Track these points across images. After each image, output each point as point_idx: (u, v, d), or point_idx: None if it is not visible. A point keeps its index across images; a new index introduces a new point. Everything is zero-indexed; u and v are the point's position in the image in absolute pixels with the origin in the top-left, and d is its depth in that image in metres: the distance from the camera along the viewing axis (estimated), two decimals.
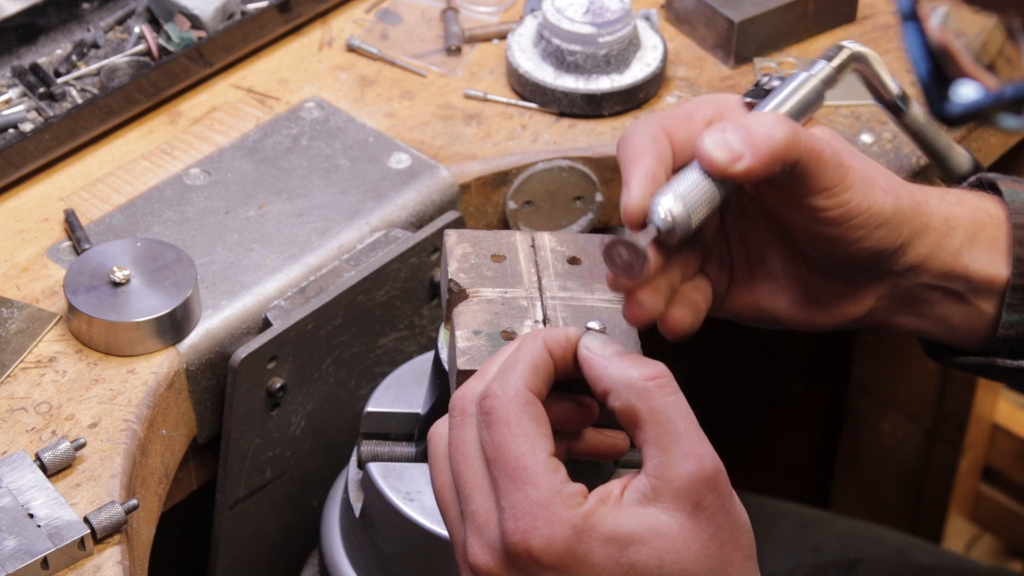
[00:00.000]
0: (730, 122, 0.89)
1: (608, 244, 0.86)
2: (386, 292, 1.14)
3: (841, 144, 0.93)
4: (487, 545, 0.81)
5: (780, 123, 0.88)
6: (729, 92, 1.27)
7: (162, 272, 1.07)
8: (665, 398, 0.81)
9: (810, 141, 0.90)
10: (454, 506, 0.84)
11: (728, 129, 0.89)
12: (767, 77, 0.97)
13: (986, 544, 2.03)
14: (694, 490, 0.80)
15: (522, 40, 1.27)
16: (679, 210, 0.87)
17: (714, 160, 0.88)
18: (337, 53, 1.30)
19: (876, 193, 0.92)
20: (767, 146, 0.88)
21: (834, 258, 0.95)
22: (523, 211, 1.22)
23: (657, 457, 0.80)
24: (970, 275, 0.97)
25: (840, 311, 0.98)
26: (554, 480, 0.80)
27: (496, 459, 0.81)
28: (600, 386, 0.83)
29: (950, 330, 1.00)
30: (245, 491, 1.15)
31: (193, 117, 1.24)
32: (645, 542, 0.79)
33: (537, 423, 0.82)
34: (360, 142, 1.21)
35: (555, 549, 0.79)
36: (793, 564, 1.39)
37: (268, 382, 1.10)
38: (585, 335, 0.85)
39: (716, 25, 1.29)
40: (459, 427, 0.84)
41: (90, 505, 0.97)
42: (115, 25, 1.30)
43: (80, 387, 1.04)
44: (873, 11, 1.35)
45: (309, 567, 1.21)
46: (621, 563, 0.79)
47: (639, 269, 0.86)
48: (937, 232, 0.95)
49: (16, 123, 1.20)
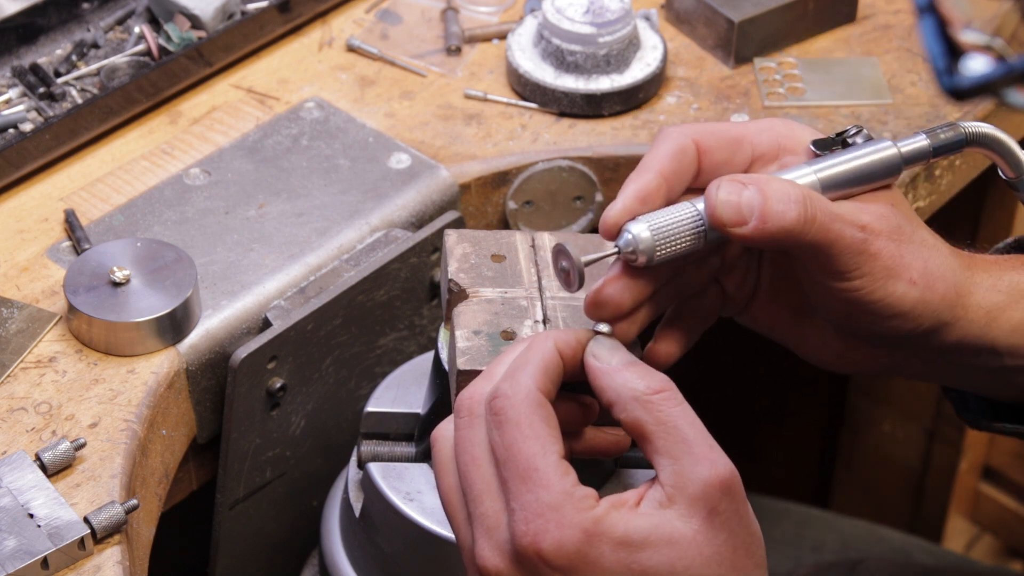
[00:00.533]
0: (756, 180, 0.85)
1: (555, 250, 0.85)
2: (386, 292, 1.14)
3: (885, 224, 0.88)
4: (497, 547, 0.81)
5: (799, 202, 0.85)
6: (735, 91, 1.27)
7: (162, 272, 1.07)
8: (671, 409, 0.80)
9: (828, 225, 0.85)
10: (461, 509, 0.83)
11: (747, 187, 0.85)
12: (857, 129, 0.91)
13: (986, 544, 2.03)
14: (709, 495, 0.79)
15: (522, 40, 1.27)
16: (645, 241, 0.84)
17: (718, 214, 0.85)
18: (337, 53, 1.30)
19: (899, 285, 0.88)
20: (775, 222, 0.84)
21: (848, 326, 0.92)
22: (523, 211, 1.22)
23: (670, 466, 0.80)
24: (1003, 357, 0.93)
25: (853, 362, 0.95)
26: (565, 483, 0.80)
27: (507, 460, 0.80)
28: (605, 397, 0.83)
29: (983, 390, 0.97)
30: (245, 491, 1.15)
31: (193, 117, 1.24)
32: (657, 547, 0.79)
33: (548, 425, 0.81)
34: (360, 142, 1.21)
35: (566, 551, 0.78)
36: (794, 564, 1.39)
37: (268, 382, 1.10)
38: (592, 341, 0.85)
39: (716, 25, 1.29)
40: (467, 428, 0.83)
41: (90, 505, 0.97)
42: (115, 25, 1.30)
43: (80, 387, 1.04)
44: (873, 11, 1.35)
45: (309, 567, 1.21)
46: (632, 568, 0.79)
47: (575, 283, 0.84)
48: (974, 324, 0.91)
49: (16, 123, 1.20)
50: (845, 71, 1.29)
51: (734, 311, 0.95)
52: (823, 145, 0.89)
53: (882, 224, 0.87)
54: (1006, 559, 2.04)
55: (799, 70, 1.29)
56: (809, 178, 0.88)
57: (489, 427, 0.82)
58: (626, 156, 1.22)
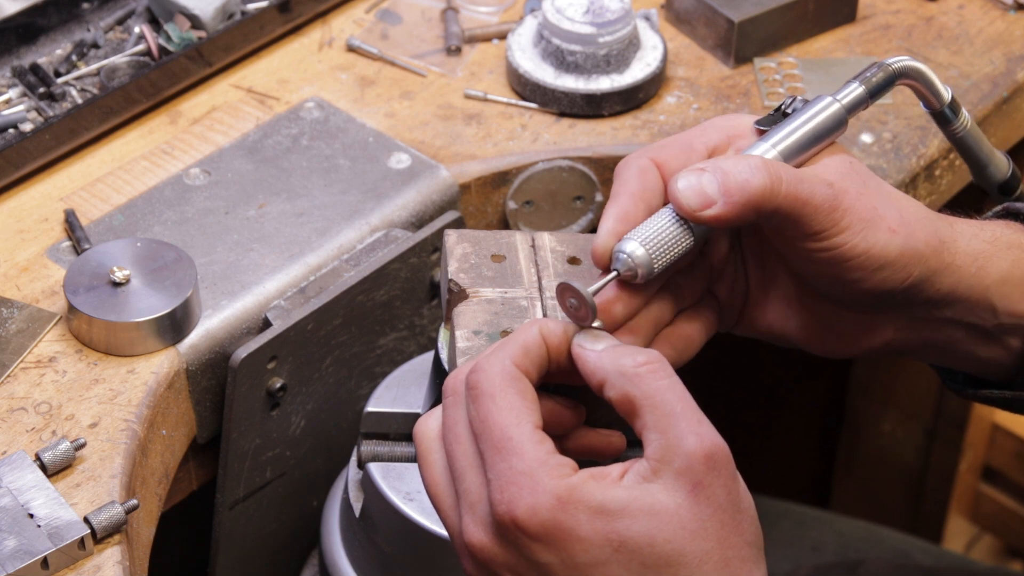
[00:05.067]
0: (710, 163, 0.87)
1: (559, 289, 0.86)
2: (386, 292, 1.14)
3: (851, 180, 0.90)
4: (480, 522, 0.80)
5: (759, 170, 0.86)
6: (735, 91, 1.27)
7: (162, 272, 1.07)
8: (659, 381, 0.80)
9: (794, 188, 0.87)
10: (447, 496, 0.84)
11: (705, 171, 0.87)
12: (792, 99, 0.93)
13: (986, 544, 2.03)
14: (694, 468, 0.78)
15: (522, 40, 1.27)
16: (640, 256, 0.86)
17: (683, 204, 0.86)
18: (337, 53, 1.30)
19: (879, 234, 0.89)
20: (741, 194, 0.86)
21: (839, 292, 0.92)
22: (523, 211, 1.22)
23: (656, 440, 0.79)
24: (998, 312, 0.94)
25: (855, 341, 0.96)
26: (539, 451, 0.79)
27: (482, 432, 0.81)
28: (595, 379, 0.83)
29: (974, 363, 0.97)
30: (245, 491, 1.15)
31: (193, 117, 1.24)
32: (635, 517, 0.78)
33: (523, 397, 0.81)
34: (360, 142, 1.21)
35: (540, 518, 0.78)
36: (793, 564, 1.39)
37: (268, 382, 1.10)
38: (579, 332, 0.85)
39: (716, 25, 1.29)
40: (451, 407, 0.84)
41: (90, 505, 0.97)
42: (115, 25, 1.30)
43: (80, 387, 1.04)
44: (873, 11, 1.35)
45: (309, 567, 1.21)
46: (610, 538, 0.78)
47: (588, 317, 0.85)
48: (963, 270, 0.92)
49: (16, 123, 1.20)
50: (845, 71, 1.29)
51: (731, 321, 0.96)
52: (767, 122, 0.92)
53: (848, 180, 0.89)
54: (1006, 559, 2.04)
55: (799, 70, 1.29)
56: (769, 152, 0.90)
57: (467, 403, 0.82)
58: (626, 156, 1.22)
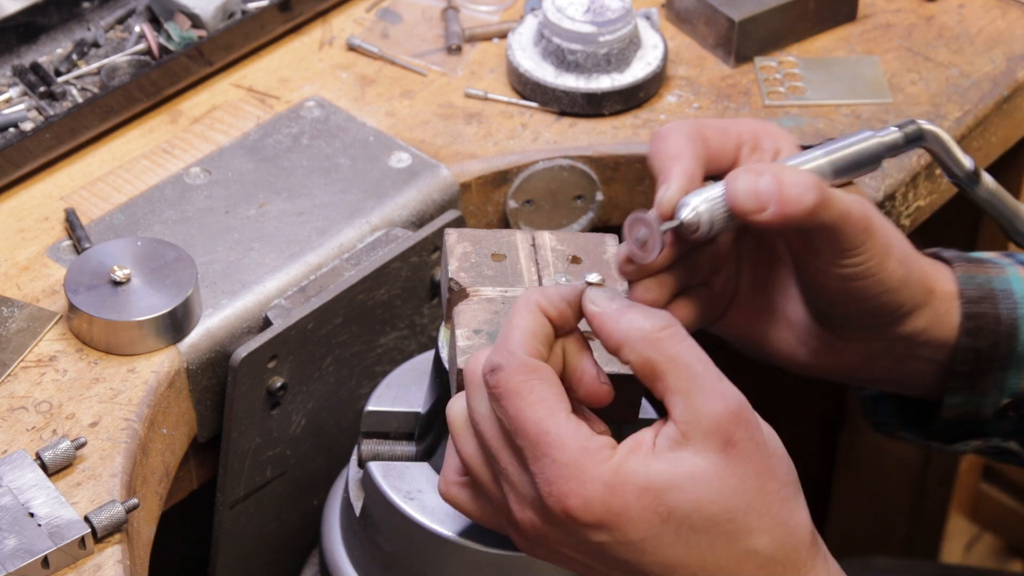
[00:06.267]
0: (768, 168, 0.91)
1: (631, 219, 0.89)
2: (387, 291, 1.14)
3: (871, 208, 0.94)
4: (529, 505, 0.83)
5: (814, 187, 0.90)
6: (735, 90, 1.27)
7: (162, 271, 1.07)
8: (678, 344, 0.82)
9: (841, 205, 0.91)
10: (485, 471, 0.86)
11: (763, 175, 0.90)
12: None
13: (986, 544, 2.03)
14: (723, 428, 0.81)
15: (522, 39, 1.27)
16: (705, 215, 0.90)
17: (739, 203, 0.90)
18: (337, 52, 1.30)
19: (890, 262, 0.94)
20: (795, 207, 0.90)
21: (835, 308, 0.97)
22: (523, 210, 1.22)
23: (681, 403, 0.81)
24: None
25: (823, 360, 1.01)
26: (579, 438, 0.81)
27: (517, 431, 0.82)
28: (612, 341, 0.84)
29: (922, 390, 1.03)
30: (245, 490, 1.15)
31: (193, 116, 1.24)
32: (681, 487, 0.80)
33: (549, 385, 0.83)
34: (360, 141, 1.21)
35: (593, 508, 0.80)
36: None
37: (268, 381, 1.10)
38: (588, 290, 0.86)
39: (717, 24, 1.29)
40: (474, 397, 0.86)
41: (90, 504, 0.97)
42: (115, 24, 1.30)
43: (80, 386, 1.04)
44: (873, 10, 1.35)
45: (309, 567, 1.21)
46: (659, 511, 0.80)
47: (654, 248, 0.89)
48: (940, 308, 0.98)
49: (16, 122, 1.20)
50: (845, 70, 1.29)
51: (714, 316, 1.00)
52: None
53: (869, 208, 0.94)
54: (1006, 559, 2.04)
55: (800, 69, 1.29)
56: (819, 162, 0.94)
57: (492, 401, 0.84)
58: (626, 155, 1.22)
